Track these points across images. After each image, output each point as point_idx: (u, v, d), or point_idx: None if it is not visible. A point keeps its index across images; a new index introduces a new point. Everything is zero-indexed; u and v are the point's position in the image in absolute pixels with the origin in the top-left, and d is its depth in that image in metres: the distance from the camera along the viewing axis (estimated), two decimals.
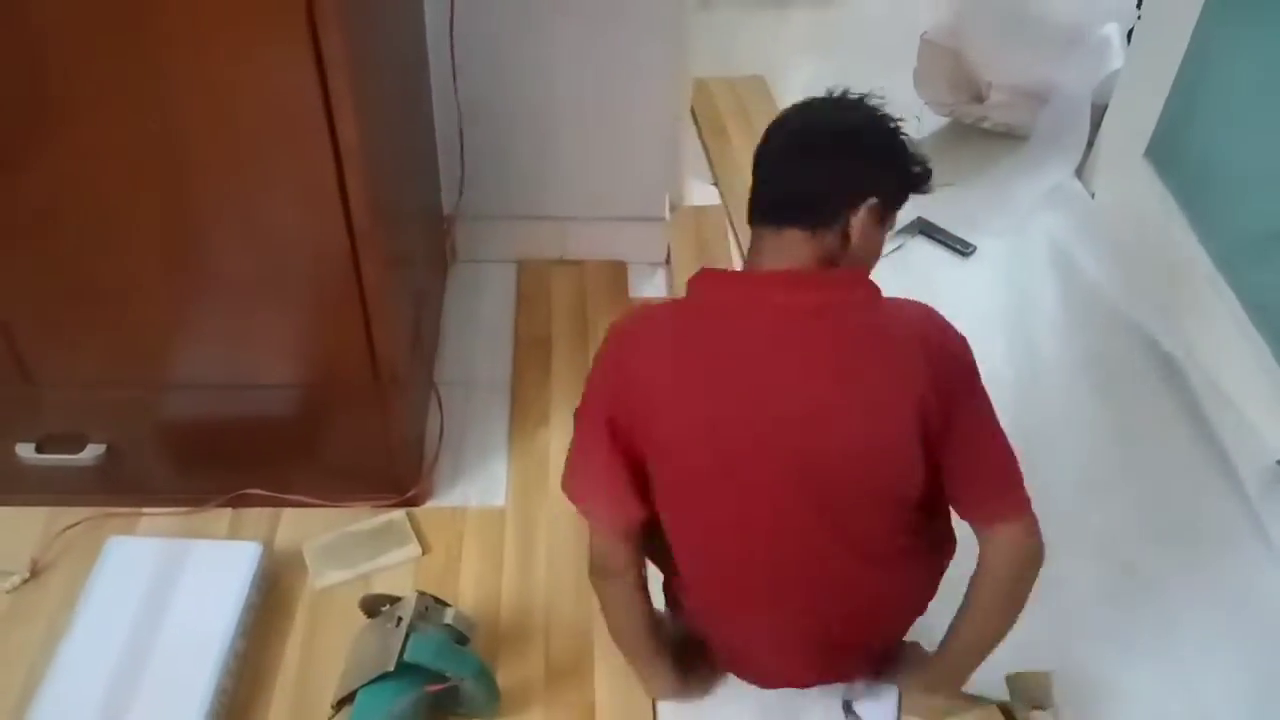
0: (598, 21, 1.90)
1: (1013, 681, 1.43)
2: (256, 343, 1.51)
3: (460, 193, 2.08)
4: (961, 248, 2.33)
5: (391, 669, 1.33)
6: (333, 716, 1.40)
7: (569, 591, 1.61)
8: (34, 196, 1.32)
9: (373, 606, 1.46)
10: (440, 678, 1.36)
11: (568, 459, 1.32)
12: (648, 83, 2.00)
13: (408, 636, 1.36)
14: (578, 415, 1.29)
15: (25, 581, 1.57)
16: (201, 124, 1.26)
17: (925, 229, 2.35)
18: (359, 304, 1.44)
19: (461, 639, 1.42)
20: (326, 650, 1.50)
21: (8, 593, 1.55)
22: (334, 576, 1.61)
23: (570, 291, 2.17)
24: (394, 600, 1.44)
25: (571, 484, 1.32)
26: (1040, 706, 1.39)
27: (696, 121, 2.65)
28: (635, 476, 1.24)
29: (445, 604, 1.44)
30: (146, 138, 1.26)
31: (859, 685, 1.49)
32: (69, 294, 1.43)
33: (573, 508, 1.35)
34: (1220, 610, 1.65)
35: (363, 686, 1.36)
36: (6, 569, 1.57)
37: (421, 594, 1.43)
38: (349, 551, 1.64)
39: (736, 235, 2.31)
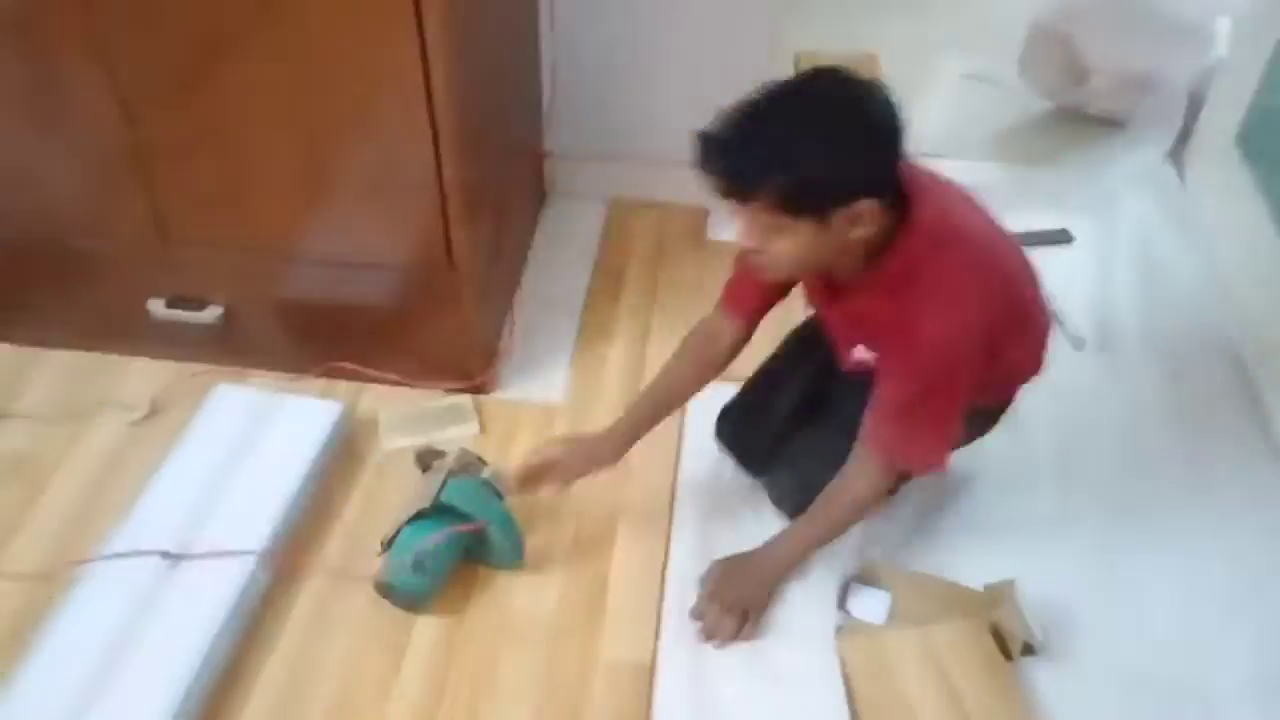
0: None
1: (988, 588, 1.55)
2: (357, 225, 1.72)
3: (548, 119, 2.27)
4: (1059, 238, 2.34)
5: (428, 507, 1.52)
6: (380, 553, 1.61)
7: (606, 481, 1.76)
8: (201, 102, 1.58)
9: (425, 460, 1.66)
10: (470, 521, 1.54)
11: (930, 435, 1.43)
12: (742, 34, 2.14)
13: (445, 481, 1.55)
14: (946, 394, 1.39)
15: (145, 417, 1.84)
16: (321, 46, 1.49)
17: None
18: (438, 198, 1.64)
19: (496, 494, 1.60)
20: (386, 501, 1.70)
21: (130, 425, 1.82)
22: (401, 441, 1.81)
23: (652, 230, 2.34)
24: (441, 454, 1.63)
25: (940, 451, 1.46)
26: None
27: None
28: None
29: (484, 463, 1.62)
30: (283, 61, 1.51)
31: (854, 585, 1.61)
32: (212, 170, 1.68)
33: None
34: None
35: (405, 525, 1.56)
36: (130, 405, 1.84)
37: (465, 450, 1.62)
38: (417, 423, 1.84)
39: None
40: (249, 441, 1.73)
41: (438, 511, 1.54)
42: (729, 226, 2.34)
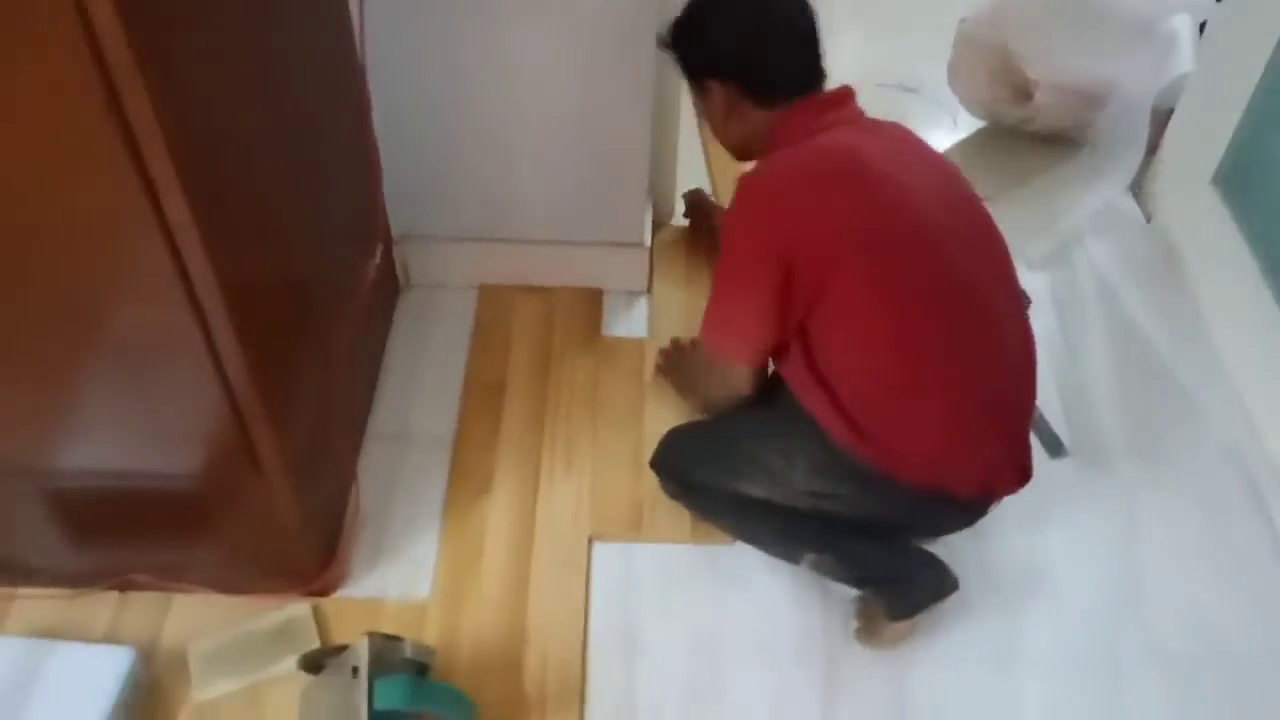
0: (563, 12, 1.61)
1: None
2: (127, 440, 1.29)
3: (394, 199, 1.83)
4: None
5: None
6: None
7: (491, 697, 1.39)
8: None
9: (316, 661, 1.30)
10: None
11: (716, 317, 1.45)
12: (625, 83, 1.71)
13: (372, 686, 1.19)
14: (727, 270, 1.42)
15: None
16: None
17: None
18: (222, 393, 1.20)
19: (422, 669, 1.29)
20: None
21: None
22: (219, 687, 1.40)
23: (534, 325, 1.92)
24: (340, 650, 1.27)
25: (723, 335, 1.46)
26: None
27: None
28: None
29: (397, 639, 1.28)
30: None
31: None
32: None
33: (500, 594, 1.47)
34: None
35: None
36: None
37: (370, 636, 1.25)
38: (240, 656, 1.42)
39: None
40: (9, 716, 1.30)
41: None
42: (628, 314, 1.96)
